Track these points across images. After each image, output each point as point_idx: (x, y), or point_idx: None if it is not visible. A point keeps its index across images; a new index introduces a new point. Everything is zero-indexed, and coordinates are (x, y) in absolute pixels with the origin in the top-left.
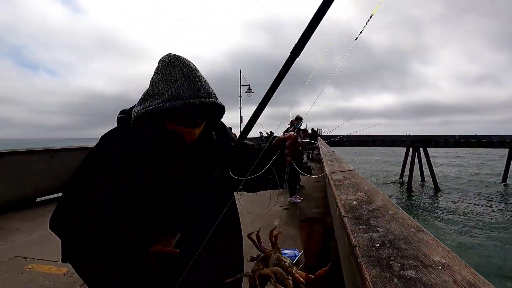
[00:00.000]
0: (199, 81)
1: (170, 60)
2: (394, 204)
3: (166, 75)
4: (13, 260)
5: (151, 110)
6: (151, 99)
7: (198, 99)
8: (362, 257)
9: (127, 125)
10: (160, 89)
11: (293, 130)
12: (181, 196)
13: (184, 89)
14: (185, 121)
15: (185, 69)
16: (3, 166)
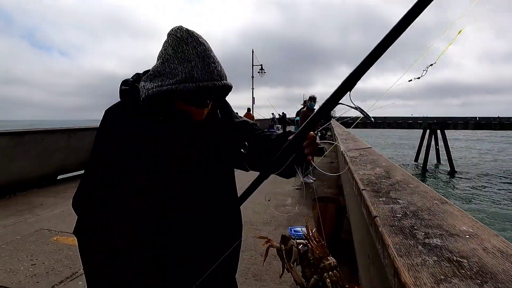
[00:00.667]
0: (212, 62)
1: (182, 36)
2: (415, 178)
3: (178, 53)
4: (39, 232)
5: (164, 90)
6: (162, 77)
7: (211, 82)
8: (383, 226)
9: (133, 100)
10: (172, 68)
11: (306, 110)
12: (190, 176)
13: (198, 71)
14: (196, 102)
15: (199, 49)
16: (25, 145)
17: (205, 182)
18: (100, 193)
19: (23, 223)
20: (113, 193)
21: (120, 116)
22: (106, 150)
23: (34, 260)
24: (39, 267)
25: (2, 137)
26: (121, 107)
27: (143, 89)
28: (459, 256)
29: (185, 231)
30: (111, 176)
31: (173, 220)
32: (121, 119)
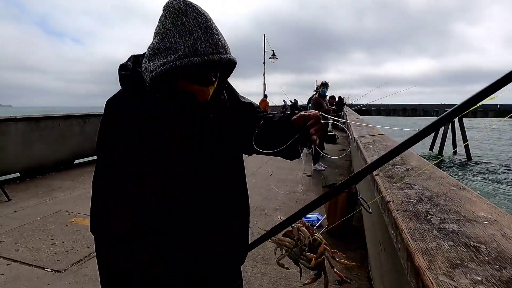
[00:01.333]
0: (216, 34)
1: (180, 7)
2: (430, 163)
3: (178, 26)
4: (58, 213)
5: (167, 69)
6: (162, 53)
7: (217, 55)
8: (397, 211)
9: (135, 85)
10: (173, 43)
11: (318, 97)
12: (191, 157)
13: (201, 43)
14: (200, 79)
15: (200, 19)
16: (43, 130)
17: (208, 163)
18: (101, 181)
19: (43, 204)
20: (114, 179)
21: (122, 104)
22: (107, 137)
23: (55, 239)
24: (59, 246)
25: (20, 122)
26: (122, 95)
27: (145, 72)
28: (476, 242)
29: (186, 212)
30: (111, 162)
31: (174, 200)
32: (123, 106)
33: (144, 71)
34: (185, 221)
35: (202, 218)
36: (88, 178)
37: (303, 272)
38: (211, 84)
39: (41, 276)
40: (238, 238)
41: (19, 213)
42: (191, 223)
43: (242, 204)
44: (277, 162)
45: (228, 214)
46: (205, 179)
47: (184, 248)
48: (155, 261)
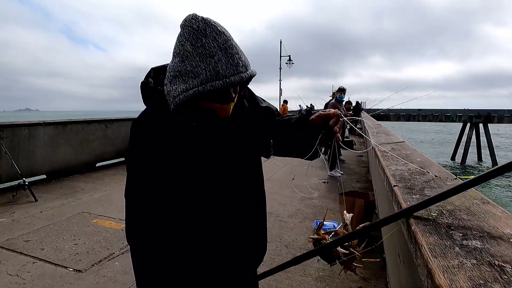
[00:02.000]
0: (235, 53)
1: (199, 26)
2: (452, 175)
3: (198, 48)
4: (81, 214)
5: (191, 95)
6: (183, 77)
7: (238, 76)
8: (417, 225)
9: (160, 106)
10: (194, 66)
11: (335, 102)
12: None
13: (223, 66)
14: (221, 99)
15: (220, 39)
16: (68, 133)
17: (237, 174)
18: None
19: (67, 205)
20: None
21: (151, 125)
22: (142, 158)
23: (77, 240)
24: (81, 247)
25: (48, 126)
26: (150, 118)
27: (168, 97)
28: (501, 261)
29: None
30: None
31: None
32: (153, 128)
33: (167, 95)
34: (220, 231)
35: (234, 226)
36: (109, 180)
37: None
38: (232, 101)
39: (64, 275)
40: (258, 243)
41: (45, 213)
42: (225, 233)
43: (262, 209)
44: (292, 168)
45: (252, 220)
46: (236, 189)
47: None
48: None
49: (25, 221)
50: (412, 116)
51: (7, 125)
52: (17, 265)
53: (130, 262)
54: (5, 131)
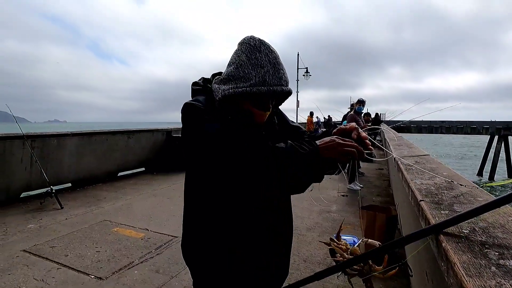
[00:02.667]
0: (281, 69)
1: (256, 44)
2: (483, 191)
3: (252, 59)
4: (102, 222)
5: (240, 92)
6: (236, 80)
7: (280, 87)
8: (447, 242)
9: (206, 98)
10: (246, 73)
11: (354, 114)
12: None
13: (269, 76)
14: (262, 105)
15: (271, 56)
16: (93, 144)
17: None
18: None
19: (90, 213)
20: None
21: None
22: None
23: (99, 247)
24: (102, 254)
25: (75, 137)
26: (203, 101)
27: (218, 90)
28: None
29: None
30: None
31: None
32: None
33: (217, 89)
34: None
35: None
36: (130, 190)
37: None
38: (268, 110)
39: (86, 282)
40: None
41: (70, 220)
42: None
43: (289, 215)
44: None
45: (281, 224)
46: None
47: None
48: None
49: (51, 227)
50: (435, 128)
51: (39, 136)
52: (42, 270)
53: (148, 271)
54: (37, 141)
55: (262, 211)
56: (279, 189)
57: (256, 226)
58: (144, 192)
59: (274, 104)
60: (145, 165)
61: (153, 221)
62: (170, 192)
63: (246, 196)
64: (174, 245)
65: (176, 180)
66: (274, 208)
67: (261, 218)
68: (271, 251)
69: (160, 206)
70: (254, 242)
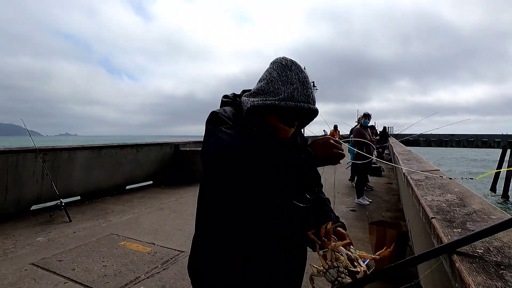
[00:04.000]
0: (310, 88)
1: (287, 63)
2: (497, 209)
3: (282, 76)
4: (110, 236)
5: (268, 104)
6: (265, 94)
7: (307, 104)
8: (461, 262)
9: (235, 109)
10: (276, 88)
11: (360, 127)
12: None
13: (298, 93)
14: (287, 120)
15: (301, 75)
16: (102, 157)
17: None
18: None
19: (98, 227)
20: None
21: (234, 118)
22: None
23: (106, 262)
24: (109, 269)
25: (85, 150)
26: (229, 112)
27: (248, 101)
28: None
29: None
30: None
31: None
32: (234, 121)
33: (246, 101)
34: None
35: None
36: (137, 203)
37: None
38: (293, 127)
39: None
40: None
41: (77, 233)
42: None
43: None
44: None
45: (293, 233)
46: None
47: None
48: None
49: (59, 240)
50: (445, 141)
51: (50, 149)
52: (49, 284)
53: (154, 287)
54: (48, 155)
55: (274, 220)
56: (289, 195)
57: (268, 234)
58: (152, 206)
59: (298, 123)
60: (153, 179)
61: (159, 235)
62: (177, 205)
63: (257, 204)
64: (180, 260)
65: (183, 193)
66: (286, 217)
67: (273, 227)
68: (283, 259)
69: (167, 220)
70: (267, 250)
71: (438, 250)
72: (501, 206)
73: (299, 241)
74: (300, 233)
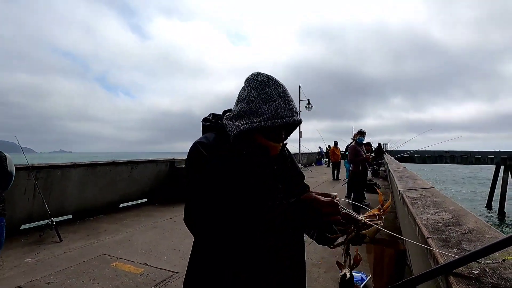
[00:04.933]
0: (291, 101)
1: (264, 80)
2: (491, 227)
3: (262, 94)
4: (101, 257)
5: (254, 127)
6: (249, 116)
7: (292, 118)
8: (458, 284)
9: (218, 134)
10: (258, 108)
11: (355, 144)
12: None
13: (281, 109)
14: (275, 137)
15: (280, 90)
16: (97, 175)
17: None
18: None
19: (89, 247)
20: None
21: (216, 149)
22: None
23: (96, 284)
24: None
25: (79, 167)
26: (215, 139)
27: (232, 126)
28: None
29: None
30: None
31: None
32: (220, 150)
33: (231, 126)
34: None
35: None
36: (131, 222)
37: None
38: (282, 141)
39: None
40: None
41: (68, 254)
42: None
43: (298, 239)
44: None
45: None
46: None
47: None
48: None
49: (48, 261)
50: (439, 158)
51: (44, 167)
52: None
53: None
54: (41, 172)
55: (264, 233)
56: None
57: (258, 248)
58: (146, 224)
59: (284, 135)
60: (147, 196)
61: (153, 255)
62: (171, 224)
63: (246, 220)
64: (174, 282)
65: (178, 211)
66: (277, 229)
67: (263, 240)
68: (274, 271)
69: (161, 239)
70: (257, 264)
71: (435, 271)
72: (497, 224)
73: (291, 252)
74: (293, 242)
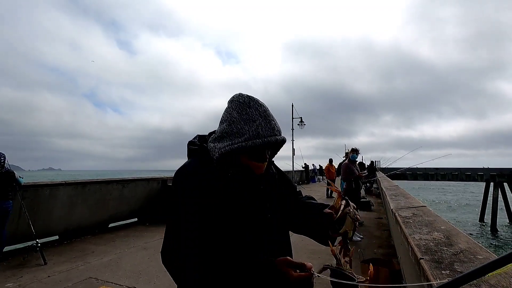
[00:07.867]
0: (272, 120)
1: (245, 101)
2: (482, 248)
3: (243, 115)
4: (87, 280)
5: (236, 148)
6: (230, 137)
7: (274, 137)
8: None
9: (203, 158)
10: (239, 128)
11: (348, 162)
12: (255, 226)
13: (262, 128)
14: (258, 157)
15: (261, 109)
16: (86, 194)
17: (272, 227)
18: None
19: (75, 270)
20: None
21: (200, 175)
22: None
23: None
24: None
25: (68, 186)
26: (197, 166)
27: (215, 149)
28: None
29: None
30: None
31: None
32: (201, 178)
33: (213, 148)
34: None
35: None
36: (120, 243)
37: None
38: (265, 161)
39: None
40: None
41: (52, 278)
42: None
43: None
44: None
45: None
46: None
47: None
48: None
49: (31, 286)
50: (430, 175)
51: (31, 185)
52: None
53: None
54: (29, 191)
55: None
56: None
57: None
58: (135, 245)
59: (270, 154)
60: (137, 215)
61: (142, 278)
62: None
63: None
64: None
65: None
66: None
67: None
68: None
69: (151, 260)
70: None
71: None
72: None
73: None
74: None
